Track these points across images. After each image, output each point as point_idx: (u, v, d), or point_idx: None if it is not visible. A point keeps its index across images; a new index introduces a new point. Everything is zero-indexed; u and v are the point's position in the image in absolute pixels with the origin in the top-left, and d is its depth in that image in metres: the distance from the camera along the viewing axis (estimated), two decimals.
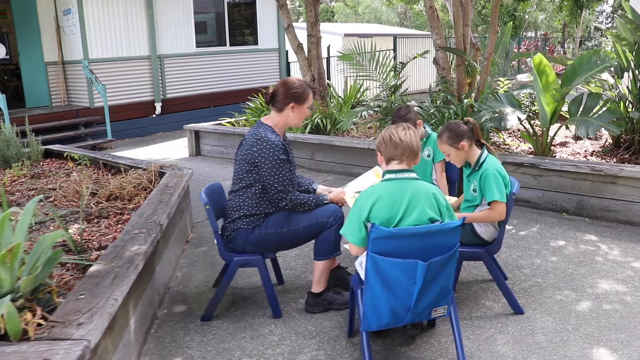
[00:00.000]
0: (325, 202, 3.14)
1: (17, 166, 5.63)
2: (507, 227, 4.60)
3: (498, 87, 6.97)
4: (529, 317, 3.11)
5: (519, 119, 4.88)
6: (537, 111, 5.96)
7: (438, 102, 6.55)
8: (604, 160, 5.46)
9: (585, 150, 6.06)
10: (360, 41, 7.84)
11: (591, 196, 4.66)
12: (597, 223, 4.60)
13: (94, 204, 4.38)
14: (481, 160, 3.06)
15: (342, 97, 8.90)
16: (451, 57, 7.03)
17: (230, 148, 8.11)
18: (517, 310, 3.13)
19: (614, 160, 5.45)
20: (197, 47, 11.95)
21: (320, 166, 6.86)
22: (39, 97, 10.35)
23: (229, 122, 8.70)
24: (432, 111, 6.05)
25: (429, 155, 3.91)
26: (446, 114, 5.89)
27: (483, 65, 6.45)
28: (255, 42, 13.11)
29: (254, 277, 3.73)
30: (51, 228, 3.90)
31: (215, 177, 6.94)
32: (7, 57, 10.37)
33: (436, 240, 2.42)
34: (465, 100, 5.87)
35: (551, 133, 5.42)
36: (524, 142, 6.32)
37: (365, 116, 8.12)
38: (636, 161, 5.27)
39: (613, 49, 5.57)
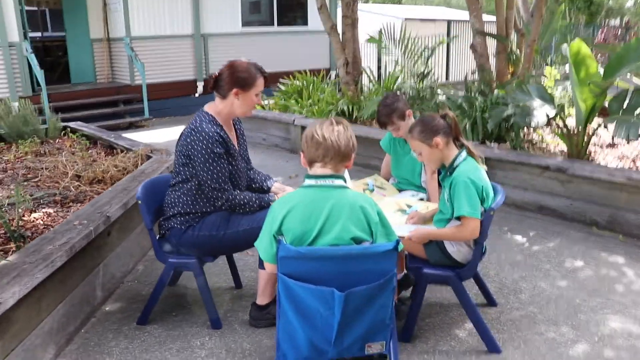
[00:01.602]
0: (271, 202, 2.74)
1: (27, 143, 5.59)
2: (519, 238, 4.07)
3: (545, 78, 6.19)
4: (505, 358, 2.58)
5: (547, 115, 4.21)
6: None
7: (473, 92, 5.90)
8: None
9: (637, 155, 5.24)
10: (406, 24, 7.25)
11: (627, 210, 3.95)
12: (631, 242, 3.89)
13: (74, 187, 4.21)
14: (455, 164, 2.54)
15: (381, 84, 8.35)
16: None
17: (255, 132, 7.82)
18: (492, 348, 2.61)
19: None
20: (243, 26, 11.72)
21: None
22: (84, 74, 10.52)
23: (258, 105, 8.39)
24: (459, 102, 5.44)
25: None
26: (475, 106, 5.26)
27: (526, 53, 5.73)
28: (305, 23, 12.70)
29: (214, 277, 3.41)
30: (19, 211, 3.75)
31: None
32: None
33: (360, 265, 1.98)
34: (496, 92, 5.21)
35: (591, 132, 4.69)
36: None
37: None
38: None
39: None
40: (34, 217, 3.61)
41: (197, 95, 11.36)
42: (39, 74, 8.36)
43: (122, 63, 10.60)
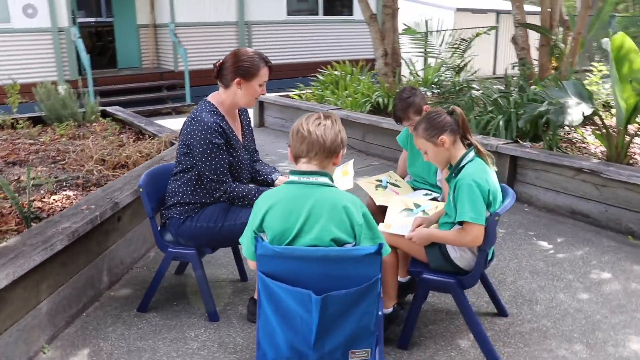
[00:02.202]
0: None
1: (63, 126, 5.75)
2: (544, 245, 3.84)
3: (590, 75, 5.82)
4: None
5: (583, 113, 3.93)
6: None
7: (511, 87, 5.62)
8: None
9: None
10: (458, 16, 6.98)
11: None
12: None
13: (97, 171, 4.28)
14: (461, 164, 2.38)
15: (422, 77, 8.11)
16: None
17: (290, 122, 7.78)
18: None
19: None
20: (288, 15, 11.67)
21: (371, 149, 6.28)
22: (130, 59, 10.77)
23: (296, 95, 8.35)
24: (495, 97, 5.19)
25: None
26: (511, 101, 5.01)
27: (570, 46, 5.40)
28: (351, 13, 12.52)
29: (221, 268, 3.39)
30: (41, 192, 3.85)
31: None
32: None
33: (340, 268, 1.88)
34: (532, 87, 4.93)
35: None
36: None
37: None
38: None
39: None
40: (54, 199, 3.69)
41: None
42: (85, 58, 8.61)
43: (166, 49, 10.79)
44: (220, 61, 2.68)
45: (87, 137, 5.51)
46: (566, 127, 5.08)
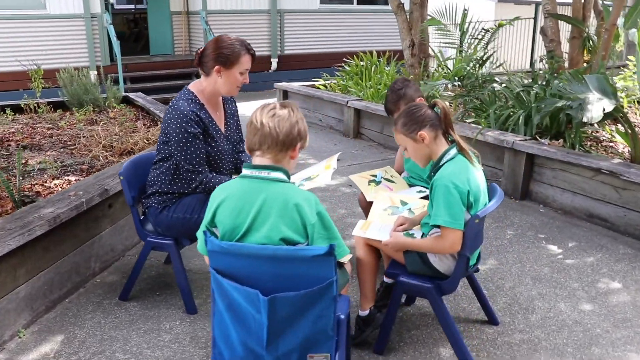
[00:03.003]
0: None
1: (82, 111, 5.84)
2: (553, 249, 3.60)
3: (626, 69, 5.44)
4: None
5: (604, 109, 3.65)
6: None
7: (538, 81, 5.33)
8: None
9: None
10: (499, 7, 6.68)
11: None
12: None
13: (103, 157, 4.31)
14: (441, 162, 2.23)
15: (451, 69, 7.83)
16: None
17: (313, 112, 7.68)
18: None
19: None
20: (320, 3, 11.52)
21: (389, 142, 6.11)
22: (162, 45, 10.88)
23: (322, 85, 8.23)
24: (517, 91, 4.93)
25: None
26: (531, 95, 4.75)
27: (603, 38, 5.06)
28: (385, 2, 12.22)
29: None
30: (45, 176, 3.90)
31: None
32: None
33: (291, 268, 1.78)
34: (556, 81, 4.64)
35: None
36: None
37: (445, 89, 6.94)
38: None
39: None
40: (55, 184, 3.72)
41: (270, 71, 11.38)
42: (116, 44, 8.73)
43: (198, 36, 10.84)
44: (202, 48, 2.60)
45: (104, 122, 5.57)
46: (595, 125, 4.78)
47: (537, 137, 4.35)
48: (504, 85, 5.09)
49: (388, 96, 2.98)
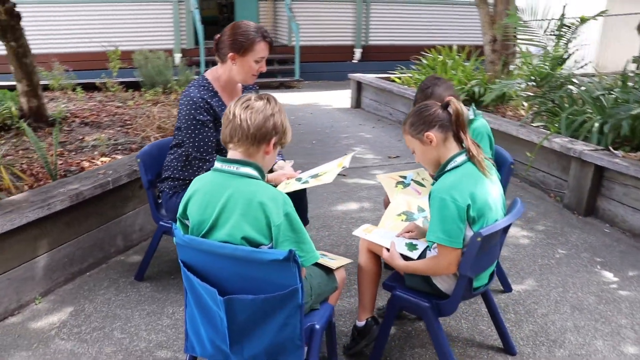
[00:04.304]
0: None
1: (151, 92, 6.06)
2: (608, 276, 3.18)
3: None
4: None
5: None
6: None
7: (628, 85, 4.76)
8: None
9: None
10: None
11: None
12: None
13: (154, 138, 4.42)
14: (446, 169, 2.00)
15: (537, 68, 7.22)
16: None
17: (384, 105, 7.47)
18: None
19: None
20: None
21: None
22: None
23: (397, 78, 7.96)
24: (597, 95, 4.43)
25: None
26: (608, 100, 4.24)
27: None
28: None
29: None
30: (95, 153, 4.07)
31: (343, 133, 6.46)
32: None
33: (251, 270, 1.67)
34: None
35: None
36: None
37: (523, 89, 6.35)
38: None
39: None
40: (102, 161, 3.87)
41: (353, 61, 11.23)
42: (199, 29, 9.00)
43: (282, 23, 10.93)
44: (220, 34, 2.54)
45: (169, 104, 5.75)
46: None
47: (611, 148, 3.87)
48: (583, 88, 4.59)
49: (416, 96, 2.75)
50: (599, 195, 3.86)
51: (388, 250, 2.16)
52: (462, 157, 1.99)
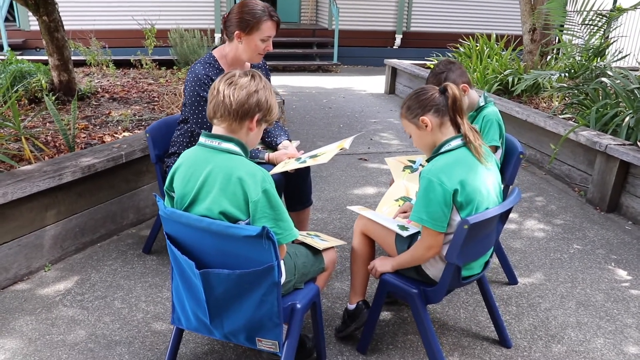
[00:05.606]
0: (259, 159, 2.53)
1: (184, 70, 6.16)
2: (621, 274, 3.05)
3: None
4: None
5: None
6: None
7: None
8: None
9: None
10: None
11: None
12: None
13: None
14: (439, 152, 1.96)
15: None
16: None
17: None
18: None
19: None
20: None
21: None
22: (289, 13, 11.07)
23: (432, 64, 7.81)
24: (632, 88, 4.23)
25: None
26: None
27: None
28: None
29: None
30: (119, 128, 4.18)
31: (373, 117, 6.41)
32: None
33: (228, 245, 1.69)
34: None
35: None
36: None
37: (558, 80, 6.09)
38: None
39: None
40: (124, 135, 3.98)
41: (394, 47, 11.06)
42: None
43: (324, 6, 10.85)
44: (228, 12, 2.55)
45: None
46: None
47: (639, 143, 3.69)
48: (617, 81, 4.38)
49: (428, 80, 2.69)
50: (623, 191, 3.70)
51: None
52: (457, 142, 1.94)
